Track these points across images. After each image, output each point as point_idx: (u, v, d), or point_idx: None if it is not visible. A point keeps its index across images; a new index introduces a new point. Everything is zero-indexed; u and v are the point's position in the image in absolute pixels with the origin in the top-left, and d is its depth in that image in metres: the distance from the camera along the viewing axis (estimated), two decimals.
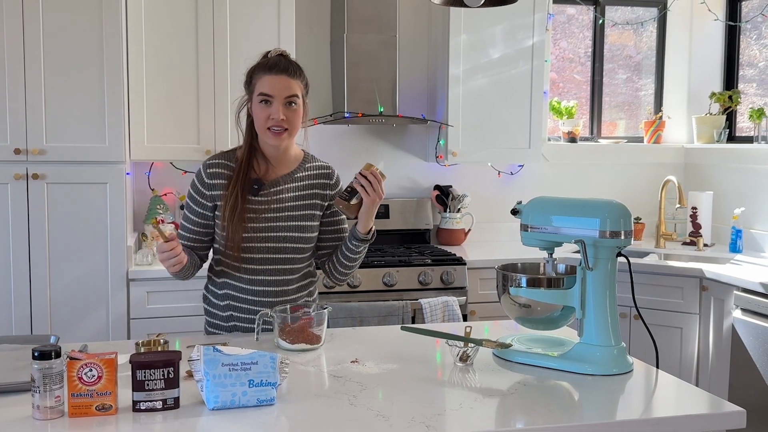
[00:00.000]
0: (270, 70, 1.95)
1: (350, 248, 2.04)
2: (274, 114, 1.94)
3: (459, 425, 1.40)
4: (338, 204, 1.95)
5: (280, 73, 1.94)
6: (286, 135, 1.97)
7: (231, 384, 1.44)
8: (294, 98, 1.96)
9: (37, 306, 2.88)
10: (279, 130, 1.95)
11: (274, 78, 1.94)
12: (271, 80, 1.94)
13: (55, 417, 1.40)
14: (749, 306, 2.97)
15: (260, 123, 1.96)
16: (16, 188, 2.84)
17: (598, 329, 1.72)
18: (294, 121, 1.97)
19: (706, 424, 1.48)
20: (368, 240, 2.01)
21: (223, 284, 2.05)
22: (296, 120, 1.98)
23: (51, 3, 2.83)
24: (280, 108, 1.94)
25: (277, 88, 1.94)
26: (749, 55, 4.07)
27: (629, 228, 1.71)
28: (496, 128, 3.67)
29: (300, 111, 1.98)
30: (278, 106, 1.94)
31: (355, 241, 2.02)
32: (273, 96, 1.94)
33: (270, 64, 1.96)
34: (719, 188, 3.96)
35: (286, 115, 1.95)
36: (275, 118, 1.93)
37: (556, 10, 4.13)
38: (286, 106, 1.95)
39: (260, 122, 1.96)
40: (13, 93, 2.81)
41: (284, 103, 1.94)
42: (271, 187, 2.02)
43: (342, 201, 1.94)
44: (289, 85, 1.95)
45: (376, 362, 1.76)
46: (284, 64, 1.96)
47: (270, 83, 1.94)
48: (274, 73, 1.94)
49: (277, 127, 1.95)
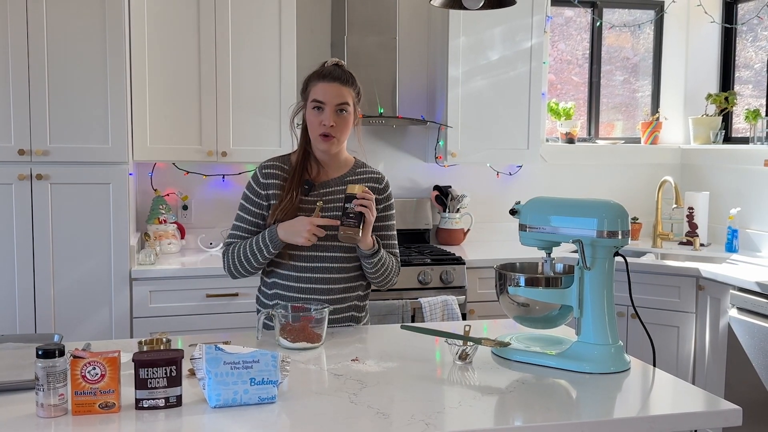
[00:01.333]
0: (323, 78, 2.01)
1: (366, 267, 2.07)
2: (325, 120, 1.99)
3: (458, 423, 1.40)
4: (345, 232, 1.92)
5: (332, 81, 2.00)
6: (335, 141, 2.02)
7: (233, 382, 1.45)
8: (345, 105, 2.01)
9: (41, 305, 2.89)
10: (329, 136, 2.01)
11: (327, 85, 2.00)
12: (324, 87, 2.00)
13: (58, 415, 1.40)
14: (745, 305, 2.98)
15: (313, 128, 2.03)
16: (20, 189, 2.85)
17: (595, 328, 1.72)
18: (343, 128, 2.02)
19: (703, 421, 1.48)
20: (377, 251, 2.04)
21: (272, 284, 2.09)
22: (345, 127, 2.03)
23: (55, 5, 2.84)
24: (330, 115, 1.99)
25: (330, 95, 1.99)
26: (745, 57, 4.09)
27: (626, 228, 1.71)
28: (495, 129, 3.68)
29: (350, 118, 2.03)
30: (329, 112, 1.99)
31: (366, 261, 2.05)
32: (325, 102, 2.00)
33: (324, 73, 2.02)
34: (715, 188, 3.98)
35: (336, 122, 2.00)
36: (326, 124, 1.99)
37: (554, 13, 4.15)
38: (337, 114, 2.00)
39: (313, 128, 2.03)
40: (17, 94, 2.82)
41: (335, 110, 2.00)
42: (322, 188, 2.07)
43: (350, 228, 1.92)
44: (340, 92, 2.00)
45: (377, 360, 1.76)
46: (337, 72, 2.02)
47: (323, 90, 2.00)
48: (327, 80, 2.01)
49: (327, 133, 2.00)
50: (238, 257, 2.05)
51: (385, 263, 2.07)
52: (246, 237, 2.08)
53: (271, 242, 1.99)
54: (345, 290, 2.08)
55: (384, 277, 2.09)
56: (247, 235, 2.08)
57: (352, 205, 1.92)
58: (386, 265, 2.07)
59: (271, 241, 1.99)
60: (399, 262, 2.16)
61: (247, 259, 2.03)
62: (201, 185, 3.61)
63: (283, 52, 3.29)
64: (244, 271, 2.07)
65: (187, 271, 3.05)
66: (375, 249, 2.02)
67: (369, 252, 2.02)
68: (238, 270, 2.07)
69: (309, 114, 2.03)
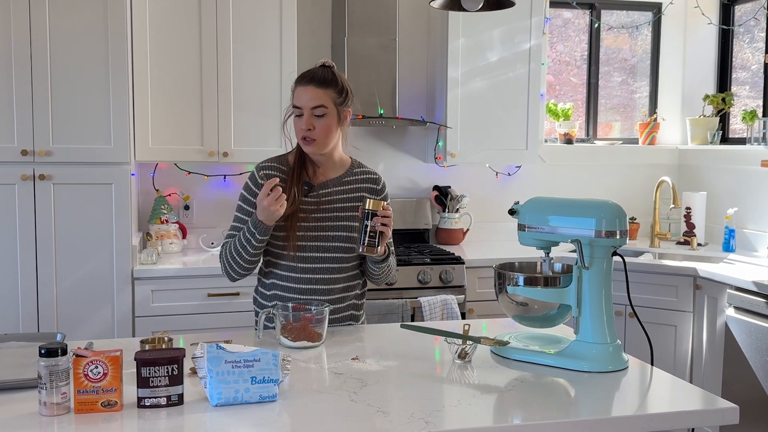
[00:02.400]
0: (299, 82, 2.00)
1: (374, 270, 2.08)
2: (302, 124, 1.99)
3: (457, 421, 1.41)
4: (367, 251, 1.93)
5: (307, 84, 1.98)
6: (316, 144, 2.00)
7: (234, 381, 1.45)
8: (320, 108, 1.97)
9: (44, 304, 2.90)
10: (309, 140, 1.99)
11: (302, 89, 1.99)
12: (300, 92, 1.99)
13: (61, 413, 1.40)
14: (742, 304, 2.99)
15: (296, 132, 2.03)
16: (23, 189, 2.86)
17: (593, 327, 1.72)
18: (322, 130, 1.99)
19: (700, 420, 1.49)
20: (388, 257, 2.05)
21: (271, 285, 2.08)
22: (325, 129, 1.99)
23: (57, 6, 2.85)
24: (307, 119, 1.98)
25: (305, 99, 1.98)
26: (742, 59, 4.10)
27: (624, 228, 1.72)
28: (494, 130, 3.69)
29: (330, 120, 1.99)
30: (306, 116, 1.98)
31: (375, 266, 2.07)
32: (301, 107, 1.98)
33: (303, 76, 2.01)
34: (713, 189, 3.99)
35: (315, 125, 1.98)
36: (301, 127, 1.99)
37: (553, 14, 4.16)
38: (314, 117, 1.98)
39: (296, 132, 2.03)
40: (20, 95, 2.83)
41: (312, 114, 1.97)
42: (320, 189, 2.06)
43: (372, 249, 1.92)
44: (314, 95, 1.97)
45: (377, 359, 1.77)
46: (315, 74, 1.99)
47: (298, 95, 1.99)
48: (303, 84, 1.99)
49: (306, 136, 1.99)
50: (231, 255, 2.02)
51: (390, 265, 2.10)
52: None
53: (255, 228, 1.94)
54: (344, 290, 2.09)
55: (386, 275, 2.12)
56: None
57: (373, 223, 1.91)
58: (390, 267, 2.10)
59: (255, 227, 1.94)
60: (396, 260, 2.18)
61: (239, 253, 1.99)
62: (202, 185, 3.62)
63: (284, 53, 3.31)
64: (238, 268, 2.03)
65: (189, 270, 3.07)
66: (386, 255, 2.04)
67: (380, 258, 2.03)
68: (234, 269, 2.03)
69: (293, 119, 2.02)
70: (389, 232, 1.95)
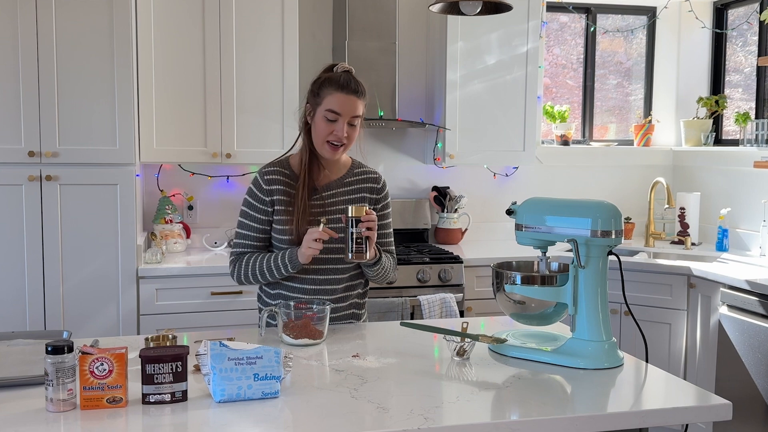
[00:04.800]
0: (341, 89, 1.98)
1: (369, 273, 2.10)
2: (338, 131, 1.99)
3: (456, 417, 1.41)
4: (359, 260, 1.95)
5: (350, 94, 1.98)
6: (342, 149, 2.03)
7: (237, 377, 1.46)
8: (358, 118, 2.01)
9: (51, 302, 2.92)
10: (338, 146, 2.01)
11: (345, 97, 1.98)
12: (342, 99, 1.98)
13: (67, 409, 1.41)
14: (735, 302, 3.01)
15: (321, 136, 2.01)
16: (30, 189, 2.88)
17: (589, 325, 1.73)
18: (353, 138, 2.03)
19: (694, 416, 1.49)
20: (379, 260, 2.06)
21: (276, 284, 2.09)
22: (355, 137, 2.03)
23: (64, 9, 2.87)
24: (344, 126, 1.99)
25: (347, 108, 1.98)
26: (735, 62, 4.12)
27: (620, 228, 1.72)
28: (492, 132, 3.70)
29: (358, 128, 2.04)
30: (343, 124, 1.99)
31: (367, 269, 2.09)
32: (341, 114, 1.98)
33: (342, 83, 1.99)
34: (706, 189, 4.01)
35: (348, 133, 2.00)
36: (338, 135, 1.99)
37: (550, 18, 4.18)
38: (349, 125, 2.00)
39: (321, 135, 2.01)
40: (27, 98, 2.85)
41: (346, 122, 1.99)
42: (324, 191, 2.08)
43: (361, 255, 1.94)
44: (356, 105, 2.00)
45: (377, 356, 1.78)
46: (354, 85, 2.00)
47: (340, 102, 1.98)
48: (345, 92, 1.98)
49: (337, 143, 2.01)
50: (253, 271, 2.04)
51: (385, 266, 2.10)
52: (254, 245, 2.08)
53: (290, 262, 1.99)
54: (347, 289, 2.11)
55: (383, 276, 2.12)
56: (256, 243, 2.08)
57: (358, 229, 1.92)
58: (385, 268, 2.11)
59: (291, 261, 1.99)
60: (395, 258, 2.18)
61: (262, 273, 2.03)
62: (206, 186, 3.65)
63: (286, 56, 3.33)
64: (255, 282, 2.07)
65: (193, 269, 3.08)
66: (377, 258, 2.05)
67: (372, 262, 2.05)
68: (249, 280, 2.07)
69: (320, 121, 2.00)
70: (374, 236, 1.96)
